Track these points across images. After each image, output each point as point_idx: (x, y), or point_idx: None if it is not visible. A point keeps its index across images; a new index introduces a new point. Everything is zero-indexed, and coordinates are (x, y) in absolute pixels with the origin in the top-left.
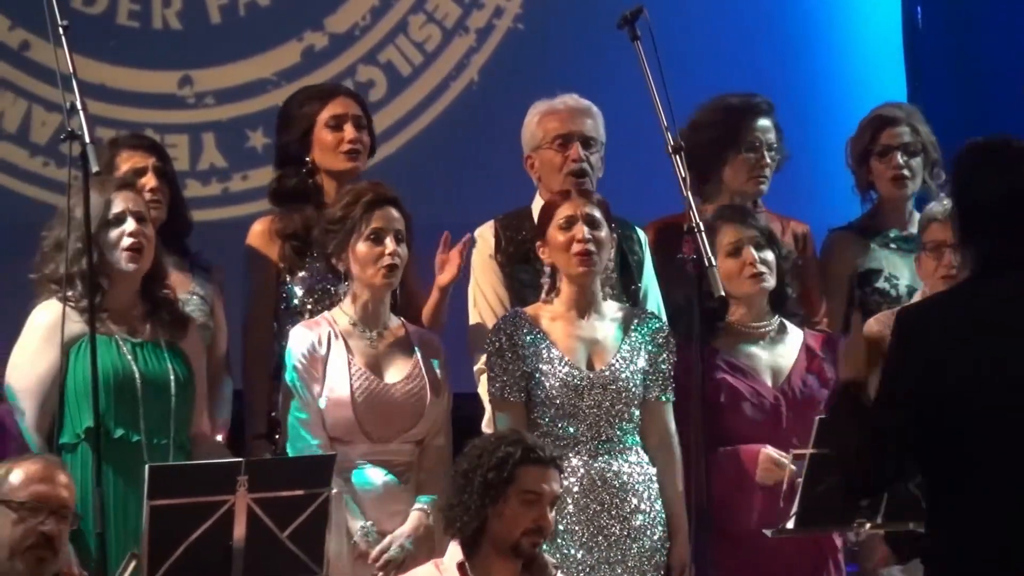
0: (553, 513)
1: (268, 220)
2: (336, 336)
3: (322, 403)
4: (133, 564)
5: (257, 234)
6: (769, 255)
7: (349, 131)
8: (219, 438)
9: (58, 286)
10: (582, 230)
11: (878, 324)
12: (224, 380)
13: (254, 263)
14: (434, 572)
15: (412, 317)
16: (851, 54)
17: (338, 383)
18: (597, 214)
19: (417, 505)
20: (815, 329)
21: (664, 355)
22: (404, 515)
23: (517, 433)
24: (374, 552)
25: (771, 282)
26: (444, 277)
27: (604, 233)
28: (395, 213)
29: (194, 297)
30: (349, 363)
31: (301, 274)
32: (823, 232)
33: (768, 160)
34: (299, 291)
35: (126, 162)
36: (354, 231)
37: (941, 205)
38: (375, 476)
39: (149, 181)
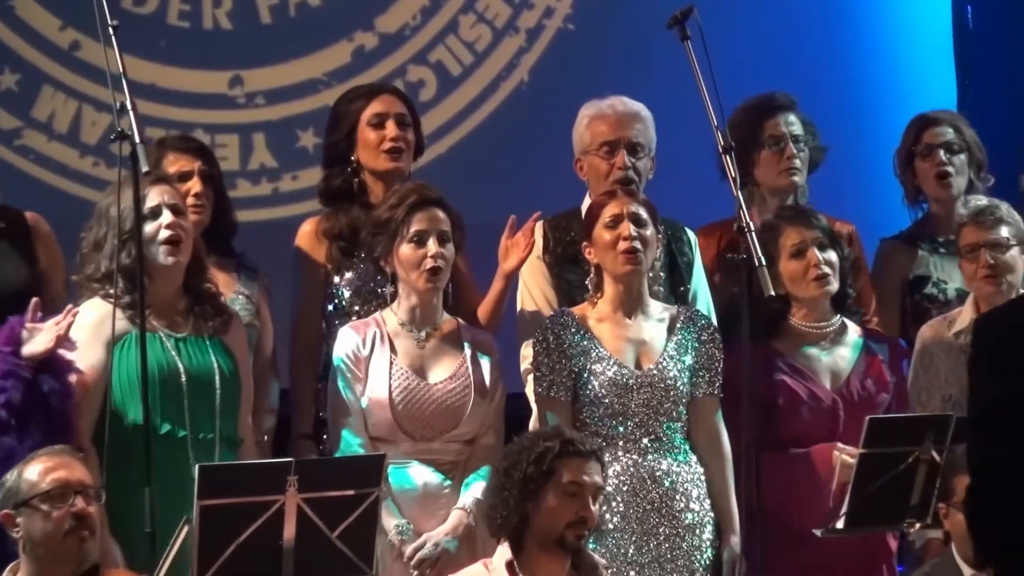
0: (596, 505)
1: (315, 220)
2: (382, 337)
3: (363, 403)
4: (187, 529)
5: (305, 235)
6: (833, 256)
7: (391, 129)
8: (264, 438)
9: (99, 285)
10: (628, 228)
11: (930, 330)
12: (270, 381)
13: (302, 263)
14: (483, 572)
15: (464, 318)
16: (901, 56)
17: (378, 383)
18: (643, 213)
19: (458, 504)
20: (869, 328)
21: (711, 353)
22: (446, 515)
23: (556, 428)
24: (408, 550)
25: (835, 284)
26: (509, 263)
27: (650, 232)
28: (440, 214)
29: (240, 297)
30: (391, 363)
31: (348, 275)
32: (872, 236)
33: (794, 151)
34: (347, 292)
35: (172, 164)
36: (398, 233)
37: (966, 207)
38: (415, 475)
39: (195, 186)
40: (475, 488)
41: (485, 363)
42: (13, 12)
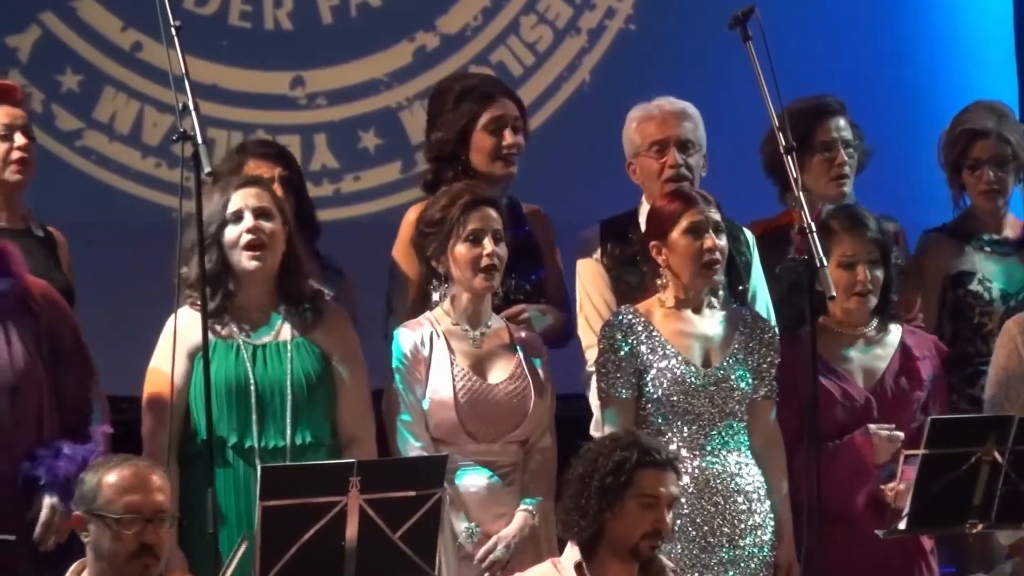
0: (671, 515)
1: (419, 209)
2: (438, 336)
3: (425, 404)
4: (244, 546)
5: (409, 223)
6: (880, 273)
7: (508, 136)
8: None
9: (191, 291)
10: (712, 239)
11: (1016, 325)
12: None
13: (400, 250)
14: (552, 571)
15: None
16: (961, 51)
17: (441, 384)
18: (720, 218)
19: (522, 506)
20: (909, 326)
21: (771, 355)
22: (508, 517)
23: (632, 435)
24: (480, 553)
25: (874, 301)
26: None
27: (725, 240)
28: (493, 213)
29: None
30: (452, 363)
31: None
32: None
33: (844, 158)
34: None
35: (253, 170)
36: (452, 233)
37: None
38: (479, 477)
39: (276, 191)
40: (538, 493)
41: (537, 364)
42: (75, 13)
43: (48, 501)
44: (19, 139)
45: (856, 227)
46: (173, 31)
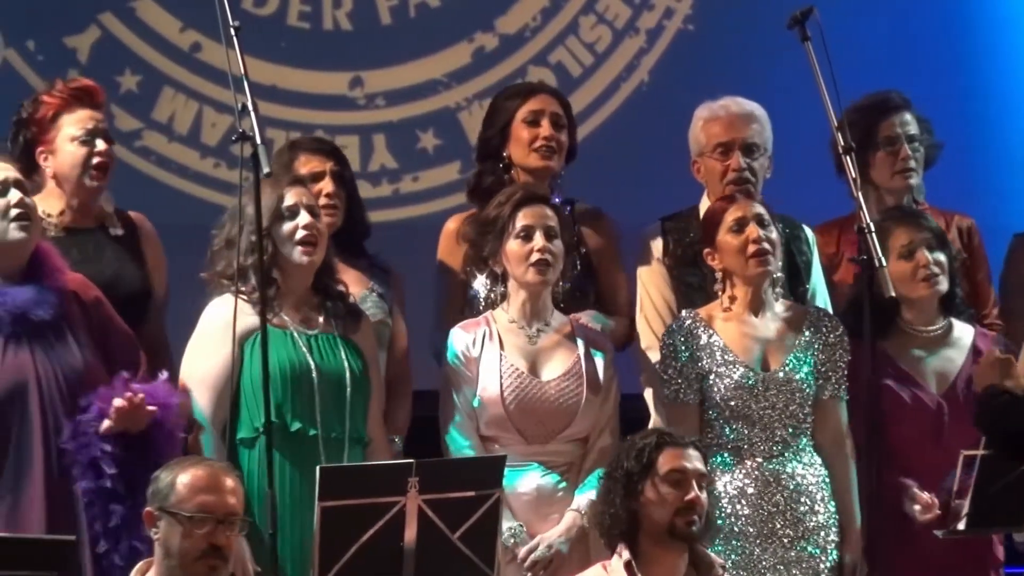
0: (704, 493)
1: (461, 218)
2: (492, 335)
3: (476, 403)
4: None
5: (450, 232)
6: (942, 256)
7: (545, 128)
8: (397, 440)
9: (230, 281)
10: (756, 230)
11: None
12: (405, 381)
13: (443, 261)
14: (602, 573)
15: (608, 309)
16: None
17: (489, 382)
18: (766, 213)
19: (572, 506)
20: (984, 324)
21: (838, 354)
22: (560, 517)
23: (653, 428)
24: (522, 552)
25: (944, 285)
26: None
27: (775, 233)
28: (547, 211)
29: (373, 294)
30: (502, 361)
31: (481, 277)
32: (1004, 231)
33: (909, 152)
34: (482, 294)
35: (304, 166)
36: (505, 230)
37: None
38: (529, 477)
39: (327, 186)
40: (590, 490)
41: (599, 360)
42: (134, 14)
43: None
44: (100, 144)
45: (908, 217)
46: (232, 31)
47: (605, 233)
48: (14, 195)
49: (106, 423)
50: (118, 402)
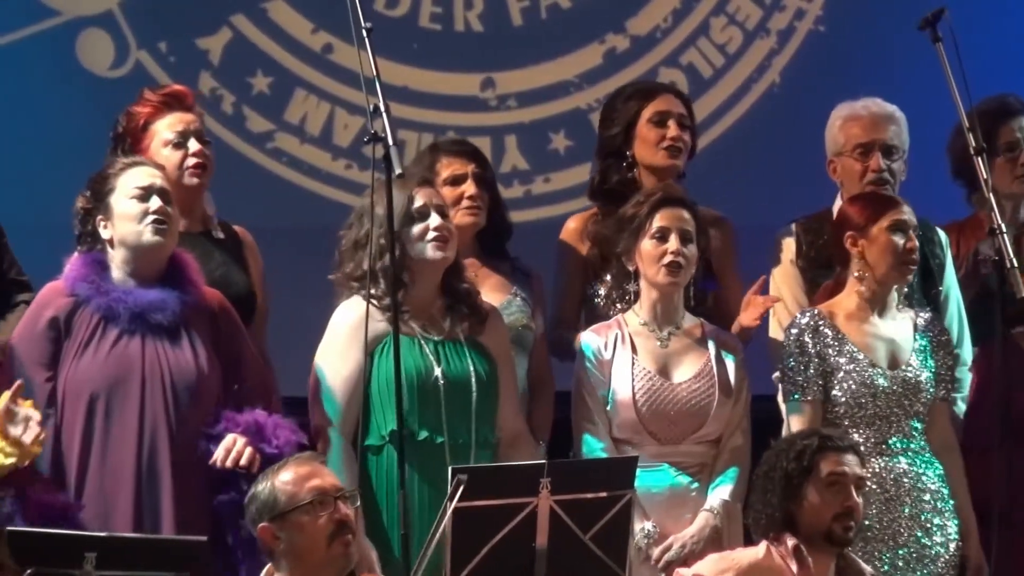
0: (860, 497)
1: (583, 217)
2: (624, 338)
3: (608, 406)
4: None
5: (570, 231)
6: None
7: (672, 128)
8: (541, 443)
9: (359, 283)
10: (916, 244)
11: None
12: (548, 385)
13: (563, 260)
14: (768, 553)
15: (721, 316)
16: None
17: (622, 385)
18: (916, 223)
19: (705, 506)
20: None
21: (948, 358)
22: (693, 518)
23: (812, 428)
24: (655, 553)
25: None
26: (746, 318)
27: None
28: (684, 214)
29: (517, 299)
30: (633, 364)
31: (606, 277)
32: None
33: None
34: (603, 292)
35: (446, 168)
36: (641, 229)
37: None
38: (662, 478)
39: (469, 188)
40: (722, 490)
41: (730, 362)
42: (266, 15)
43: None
44: (194, 145)
45: None
46: (364, 33)
47: (726, 239)
48: (155, 202)
49: (215, 458)
50: (222, 452)
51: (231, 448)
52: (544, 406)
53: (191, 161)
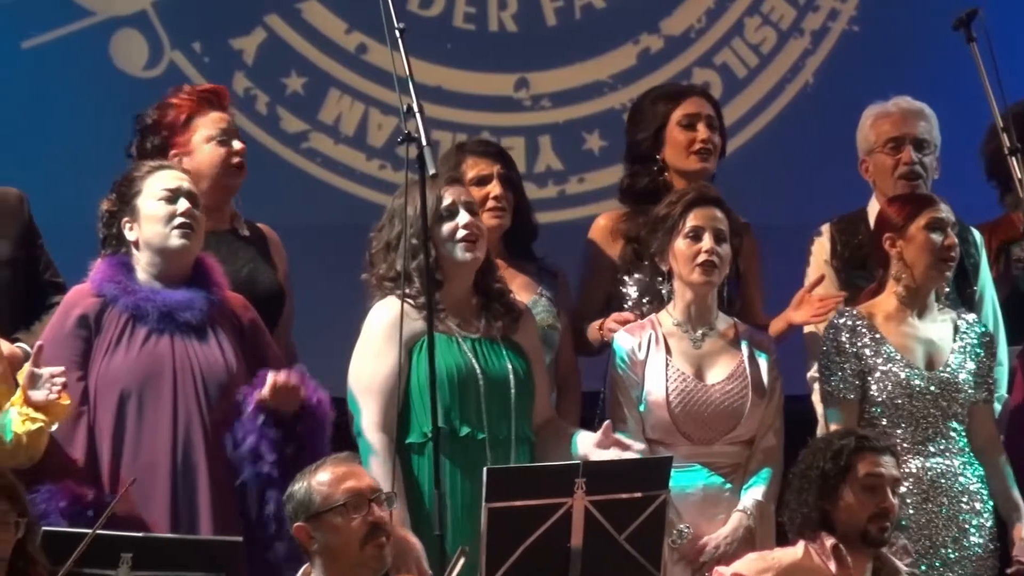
0: (896, 498)
1: (613, 216)
2: (658, 338)
3: (642, 407)
4: (462, 561)
5: (600, 229)
6: None
7: (702, 131)
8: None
9: (392, 284)
10: (954, 241)
11: None
12: (575, 384)
13: (590, 256)
14: (808, 553)
15: (746, 321)
16: None
17: (655, 386)
18: (955, 221)
19: (738, 506)
20: None
21: (988, 359)
22: (726, 518)
23: (849, 428)
24: (689, 554)
25: None
26: (797, 316)
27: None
28: (718, 213)
29: (542, 299)
30: (667, 365)
31: (637, 275)
32: None
33: None
34: (634, 292)
35: (472, 168)
36: (674, 229)
37: None
38: (695, 479)
39: (494, 188)
40: (755, 490)
41: (763, 362)
42: (300, 16)
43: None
44: (237, 144)
45: None
46: (397, 33)
47: (751, 245)
48: (182, 204)
49: (262, 392)
50: (272, 376)
51: (276, 379)
52: (571, 405)
53: (235, 160)
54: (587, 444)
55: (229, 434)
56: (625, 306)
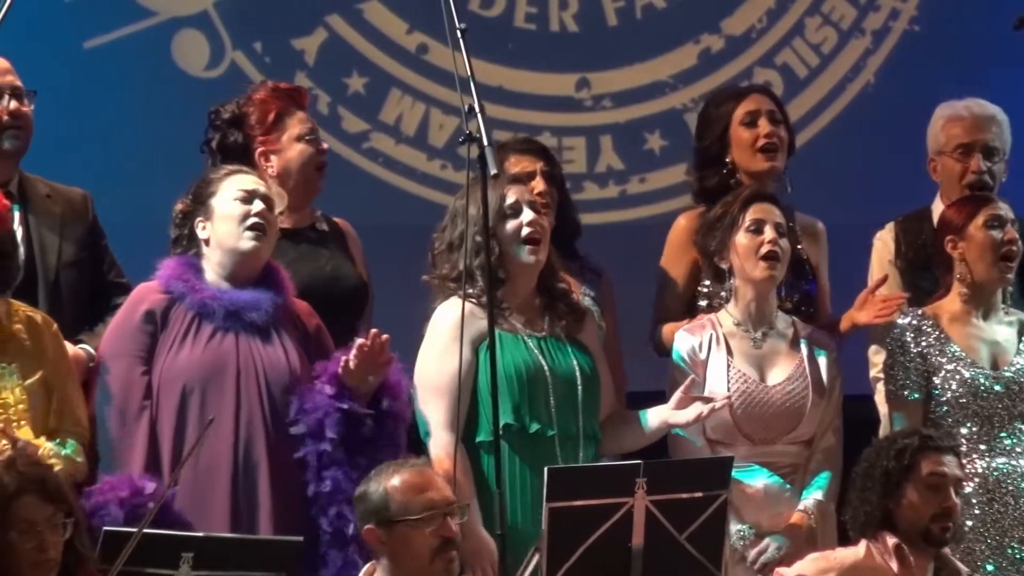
0: (959, 498)
1: (694, 215)
2: (718, 338)
3: None
4: (536, 559)
5: (681, 228)
6: None
7: (764, 126)
8: None
9: (456, 284)
10: (1014, 235)
11: None
12: (619, 385)
13: (672, 257)
14: (870, 553)
15: (810, 322)
16: None
17: (717, 386)
18: (1014, 217)
19: (800, 506)
20: None
21: None
22: (788, 518)
23: (913, 427)
24: (751, 554)
25: None
26: (861, 317)
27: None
28: (775, 209)
29: (585, 298)
30: (728, 365)
31: (707, 282)
32: None
33: None
34: (705, 304)
35: (515, 166)
36: (734, 225)
37: None
38: (757, 478)
39: (538, 185)
40: (816, 490)
41: (822, 360)
42: (361, 16)
43: None
44: (323, 145)
45: None
46: (459, 33)
47: (821, 246)
48: (257, 206)
49: (349, 358)
50: (361, 340)
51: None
52: (616, 404)
53: (322, 159)
54: (661, 413)
55: (295, 398)
56: (701, 305)
